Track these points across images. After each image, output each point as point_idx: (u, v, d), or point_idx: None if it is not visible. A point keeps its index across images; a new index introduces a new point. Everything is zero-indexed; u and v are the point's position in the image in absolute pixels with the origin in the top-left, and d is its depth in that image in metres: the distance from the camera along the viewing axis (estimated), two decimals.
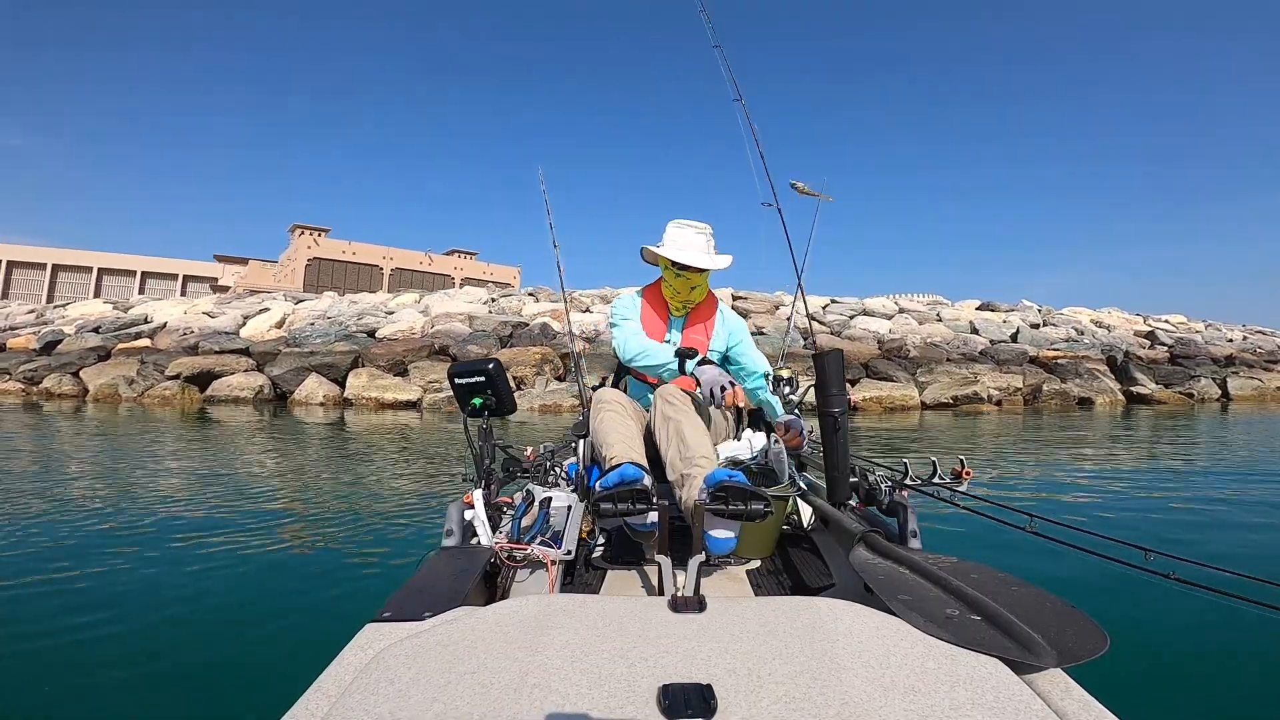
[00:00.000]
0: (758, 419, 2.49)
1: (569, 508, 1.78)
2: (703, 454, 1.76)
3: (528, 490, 1.91)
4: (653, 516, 1.56)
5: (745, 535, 1.61)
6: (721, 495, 1.47)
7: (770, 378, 2.20)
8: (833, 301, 21.83)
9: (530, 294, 22.95)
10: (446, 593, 1.17)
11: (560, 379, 14.06)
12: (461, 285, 38.09)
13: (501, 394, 1.84)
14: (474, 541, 1.52)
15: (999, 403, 14.32)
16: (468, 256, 58.52)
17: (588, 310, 18.73)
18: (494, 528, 1.59)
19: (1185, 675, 2.03)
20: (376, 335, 17.24)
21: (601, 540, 1.95)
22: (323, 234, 49.64)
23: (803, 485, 2.03)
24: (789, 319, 4.24)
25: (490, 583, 1.45)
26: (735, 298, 20.40)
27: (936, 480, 1.63)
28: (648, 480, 1.60)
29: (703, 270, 2.20)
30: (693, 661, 0.85)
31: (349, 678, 0.86)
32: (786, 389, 2.15)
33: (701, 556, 1.41)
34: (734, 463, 2.00)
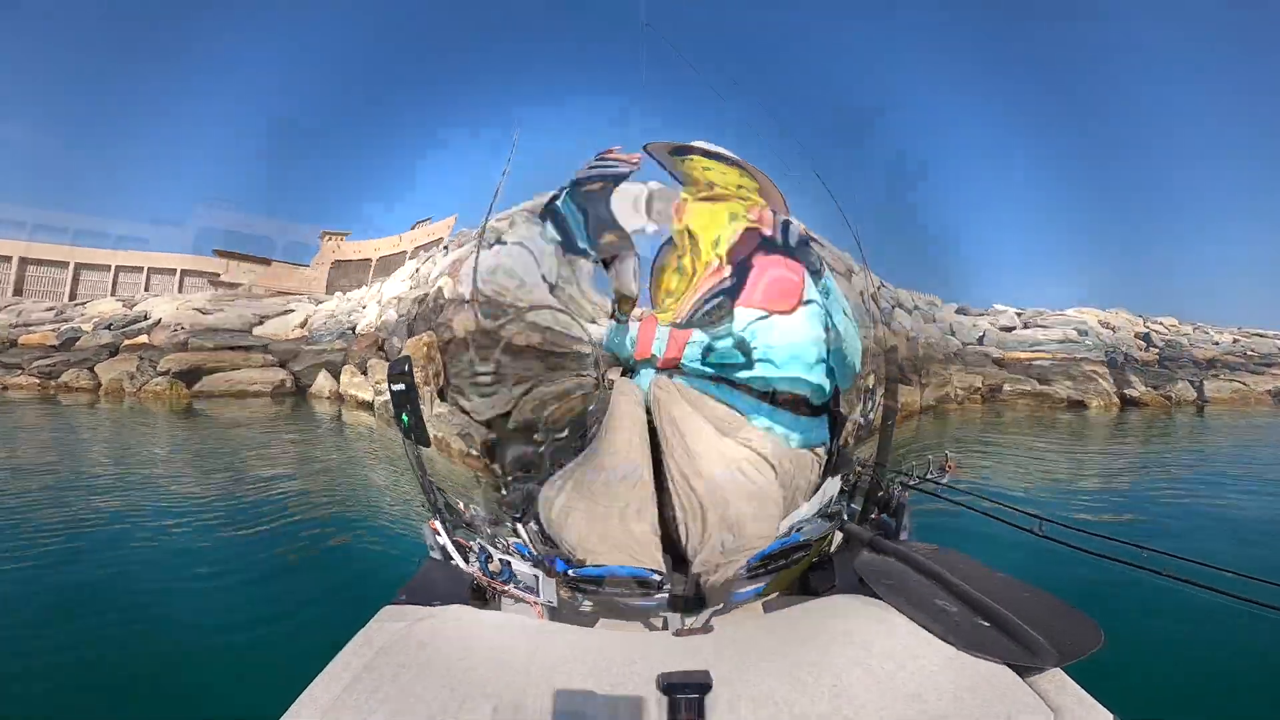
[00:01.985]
0: (845, 460, 2.02)
1: (537, 577, 1.51)
2: (759, 535, 1.42)
3: (480, 546, 1.58)
4: (659, 592, 1.34)
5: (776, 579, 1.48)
6: (760, 566, 1.34)
7: None
8: None
9: None
10: (454, 585, 1.18)
11: None
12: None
13: (416, 410, 1.50)
14: (454, 564, 1.44)
15: (961, 402, 14.78)
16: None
17: None
18: (465, 557, 1.44)
19: (1180, 671, 2.06)
20: (356, 331, 16.96)
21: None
22: (343, 237, 52.00)
23: (845, 516, 1.86)
24: None
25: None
26: None
27: (929, 476, 1.62)
28: (656, 576, 1.35)
29: None
30: (693, 660, 0.87)
31: (359, 665, 0.87)
32: None
33: (719, 606, 1.30)
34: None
